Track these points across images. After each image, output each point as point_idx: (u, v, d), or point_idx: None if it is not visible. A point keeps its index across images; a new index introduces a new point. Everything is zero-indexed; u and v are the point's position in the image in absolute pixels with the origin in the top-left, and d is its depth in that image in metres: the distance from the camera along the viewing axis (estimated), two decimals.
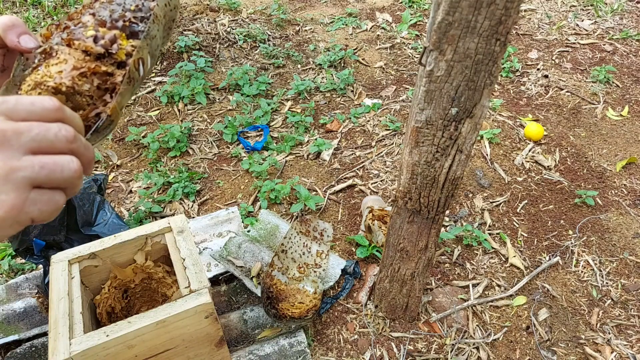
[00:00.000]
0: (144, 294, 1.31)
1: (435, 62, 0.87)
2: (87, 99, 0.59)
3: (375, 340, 1.48)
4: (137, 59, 0.61)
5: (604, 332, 1.51)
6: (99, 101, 0.60)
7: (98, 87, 0.60)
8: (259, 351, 1.35)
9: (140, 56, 0.62)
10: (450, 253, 1.74)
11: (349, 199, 1.97)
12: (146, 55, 0.63)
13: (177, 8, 0.70)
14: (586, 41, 2.96)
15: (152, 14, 0.64)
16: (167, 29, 0.69)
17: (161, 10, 0.66)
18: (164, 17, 0.67)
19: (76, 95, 0.58)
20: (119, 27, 0.62)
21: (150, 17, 0.64)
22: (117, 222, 1.52)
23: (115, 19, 0.62)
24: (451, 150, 1.01)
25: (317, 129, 2.35)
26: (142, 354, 1.03)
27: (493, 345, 1.48)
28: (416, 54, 2.91)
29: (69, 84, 0.57)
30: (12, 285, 1.55)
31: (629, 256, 1.74)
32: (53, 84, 0.57)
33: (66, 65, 0.58)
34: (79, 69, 0.58)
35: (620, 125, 2.36)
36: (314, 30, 3.13)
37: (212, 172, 2.11)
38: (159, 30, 0.66)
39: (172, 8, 0.69)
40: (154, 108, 2.46)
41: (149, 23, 0.63)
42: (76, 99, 0.59)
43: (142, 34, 0.63)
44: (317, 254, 1.66)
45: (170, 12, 0.69)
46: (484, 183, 2.04)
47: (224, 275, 1.61)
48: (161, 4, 0.66)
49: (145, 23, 0.64)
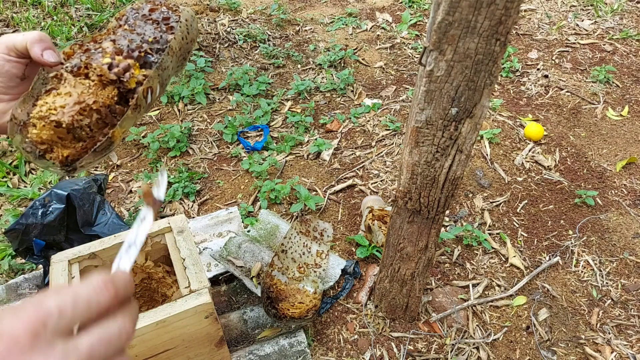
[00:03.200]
0: (144, 294, 1.31)
1: (435, 62, 0.87)
2: (87, 131, 0.62)
3: (375, 340, 1.48)
4: (146, 88, 0.64)
5: (604, 332, 1.51)
6: (98, 133, 0.63)
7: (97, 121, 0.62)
8: (259, 351, 1.35)
9: (149, 85, 0.64)
10: (450, 253, 1.74)
11: (349, 199, 1.97)
12: (156, 85, 0.66)
13: (194, 41, 0.73)
14: (586, 41, 2.96)
15: (168, 47, 0.66)
16: (181, 60, 0.71)
17: (177, 44, 0.68)
18: (180, 49, 0.69)
19: (77, 129, 0.62)
20: (134, 57, 0.65)
21: (166, 49, 0.66)
22: (117, 222, 1.52)
23: (132, 49, 0.65)
24: (451, 150, 1.01)
25: (317, 129, 2.35)
26: (142, 354, 1.03)
27: (493, 345, 1.48)
28: (416, 54, 2.91)
29: (69, 121, 0.60)
30: (12, 285, 1.55)
31: (629, 256, 1.74)
32: (55, 119, 0.60)
33: (70, 99, 0.61)
34: (80, 103, 0.61)
35: (620, 125, 2.36)
36: (314, 30, 3.13)
37: (212, 172, 2.11)
38: (172, 61, 0.68)
39: (189, 41, 0.71)
40: (154, 108, 2.46)
41: (164, 55, 0.66)
42: (77, 132, 0.62)
43: (155, 64, 0.65)
44: (317, 254, 1.66)
45: (186, 45, 0.71)
46: (484, 183, 2.04)
47: (224, 275, 1.61)
48: (178, 38, 0.68)
49: (160, 55, 0.66)
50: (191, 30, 0.71)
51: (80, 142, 0.63)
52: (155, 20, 0.69)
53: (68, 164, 0.63)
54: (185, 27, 0.70)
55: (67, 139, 0.62)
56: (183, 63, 0.73)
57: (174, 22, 0.68)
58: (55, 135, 0.61)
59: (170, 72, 0.69)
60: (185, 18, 0.70)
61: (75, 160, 0.63)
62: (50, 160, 0.62)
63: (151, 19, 0.69)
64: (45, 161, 0.63)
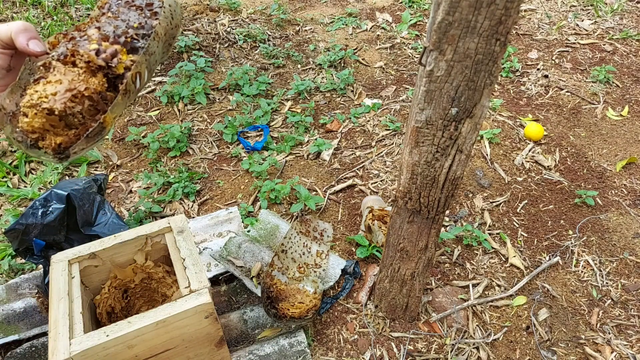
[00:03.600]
0: (144, 294, 1.31)
1: (435, 62, 0.87)
2: (80, 118, 0.62)
3: (375, 340, 1.48)
4: (135, 73, 0.64)
5: (604, 332, 1.51)
6: (90, 120, 0.63)
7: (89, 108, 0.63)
8: (259, 351, 1.35)
9: (138, 70, 0.65)
10: (450, 253, 1.74)
11: (349, 199, 1.97)
12: (144, 70, 0.66)
13: (178, 27, 0.73)
14: (586, 41, 2.96)
15: (154, 32, 0.67)
16: (167, 46, 0.72)
17: (163, 29, 0.69)
18: (165, 34, 0.70)
19: (69, 116, 0.62)
20: (120, 43, 0.65)
21: (152, 34, 0.67)
22: (117, 222, 1.52)
23: (118, 34, 0.66)
24: (451, 150, 1.01)
25: (317, 129, 2.35)
26: (142, 354, 1.03)
27: (493, 345, 1.48)
28: (416, 54, 2.91)
29: (61, 107, 0.61)
30: (12, 285, 1.55)
31: (629, 256, 1.74)
32: (47, 106, 0.60)
33: (60, 87, 0.61)
34: (71, 90, 0.61)
35: (620, 125, 2.36)
36: (314, 30, 3.13)
37: (212, 172, 2.11)
38: (158, 46, 0.69)
39: (174, 27, 0.72)
40: (154, 108, 2.46)
41: (150, 40, 0.66)
42: (69, 119, 0.62)
43: (142, 50, 0.66)
44: (317, 254, 1.66)
45: (171, 30, 0.72)
46: (484, 183, 2.04)
47: (224, 275, 1.61)
48: (163, 23, 0.69)
49: (146, 40, 0.67)
50: (175, 16, 0.72)
51: (72, 129, 0.63)
52: (138, 7, 0.69)
53: (61, 151, 0.63)
54: (169, 13, 0.70)
55: (59, 127, 0.62)
56: (169, 49, 0.73)
57: (157, 8, 0.69)
58: (47, 123, 0.62)
59: (157, 58, 0.70)
60: (168, 3, 0.70)
61: (68, 147, 0.63)
62: (43, 148, 0.62)
63: (134, 5, 0.69)
64: (37, 150, 0.63)
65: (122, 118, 2.38)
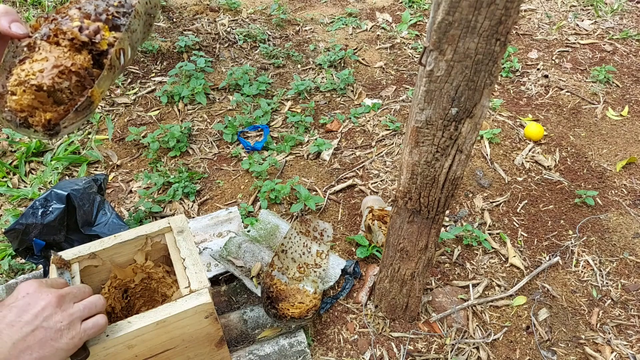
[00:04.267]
0: (144, 294, 1.31)
1: (435, 62, 0.88)
2: (67, 94, 0.64)
3: (375, 340, 1.48)
4: (118, 49, 0.67)
5: (604, 332, 1.51)
6: (78, 96, 0.65)
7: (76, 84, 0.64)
8: (259, 351, 1.35)
9: (121, 46, 0.67)
10: (450, 253, 1.74)
11: (349, 199, 1.97)
12: (127, 47, 0.69)
13: (157, 6, 0.77)
14: (586, 41, 2.96)
15: (134, 10, 0.70)
16: (147, 25, 0.75)
17: (142, 7, 0.72)
18: (145, 13, 0.73)
19: (57, 92, 0.63)
20: (102, 20, 0.68)
21: (132, 12, 0.70)
22: (117, 222, 1.52)
23: (99, 12, 0.68)
24: (451, 150, 1.01)
25: (317, 129, 2.35)
26: (142, 354, 1.03)
27: (493, 345, 1.48)
28: (416, 54, 2.91)
29: (49, 83, 0.62)
30: (12, 285, 1.55)
31: (629, 256, 1.74)
32: (36, 82, 0.62)
33: (47, 64, 0.63)
34: (58, 67, 0.63)
35: (620, 125, 2.36)
36: (314, 30, 3.13)
37: (212, 172, 2.11)
38: (139, 24, 0.72)
39: (153, 6, 0.75)
40: (154, 108, 2.46)
41: (130, 18, 0.69)
42: (57, 95, 0.64)
43: (123, 27, 0.69)
44: (317, 254, 1.66)
45: (150, 9, 0.75)
46: (484, 183, 2.04)
47: (224, 275, 1.61)
48: (142, 2, 0.72)
49: (127, 18, 0.69)
50: None
51: (60, 105, 0.64)
52: None
53: (51, 127, 0.64)
54: None
55: (47, 104, 0.64)
56: (149, 29, 0.77)
57: None
58: (35, 100, 0.63)
59: (138, 36, 0.73)
60: None
61: (58, 122, 0.64)
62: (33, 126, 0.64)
63: None
64: (26, 129, 0.64)
65: (122, 118, 2.38)
